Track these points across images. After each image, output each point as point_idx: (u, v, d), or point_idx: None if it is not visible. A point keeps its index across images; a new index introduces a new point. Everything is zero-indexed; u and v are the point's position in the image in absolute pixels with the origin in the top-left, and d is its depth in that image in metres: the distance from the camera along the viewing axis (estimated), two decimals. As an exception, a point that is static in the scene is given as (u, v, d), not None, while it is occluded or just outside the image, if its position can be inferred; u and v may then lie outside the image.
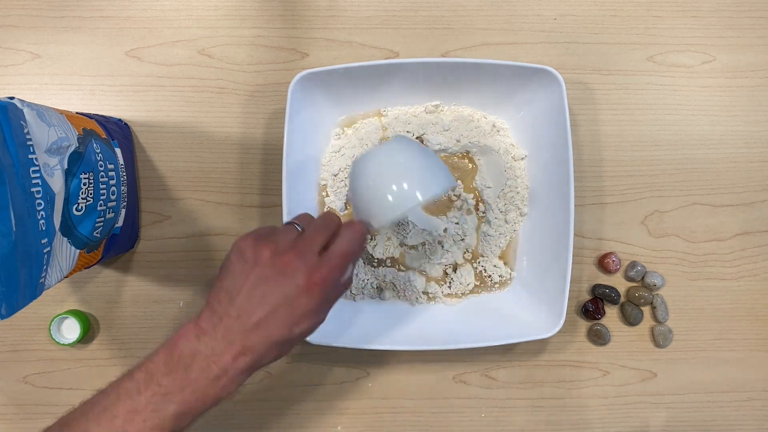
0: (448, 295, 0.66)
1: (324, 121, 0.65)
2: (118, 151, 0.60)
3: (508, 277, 0.66)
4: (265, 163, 0.67)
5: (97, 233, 0.54)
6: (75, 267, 0.52)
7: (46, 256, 0.46)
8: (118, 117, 0.66)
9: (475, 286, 0.66)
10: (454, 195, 0.66)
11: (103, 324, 0.67)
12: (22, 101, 0.44)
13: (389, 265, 0.67)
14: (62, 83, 0.66)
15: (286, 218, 0.60)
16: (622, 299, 0.68)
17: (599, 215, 0.68)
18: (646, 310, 0.68)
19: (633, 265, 0.67)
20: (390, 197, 0.49)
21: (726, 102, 0.65)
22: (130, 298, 0.67)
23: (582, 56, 0.67)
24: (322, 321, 0.46)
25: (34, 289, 0.45)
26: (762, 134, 0.67)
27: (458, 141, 0.65)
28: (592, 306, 0.67)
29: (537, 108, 0.63)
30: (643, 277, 0.67)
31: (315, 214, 0.65)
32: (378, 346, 0.62)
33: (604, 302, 0.67)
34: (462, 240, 0.66)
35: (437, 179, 0.50)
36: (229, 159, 0.67)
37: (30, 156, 0.44)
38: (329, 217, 0.48)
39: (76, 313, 0.65)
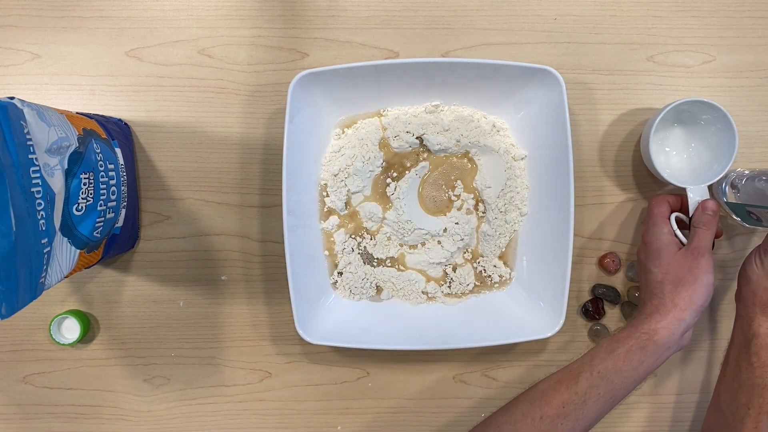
0: (448, 295, 0.66)
1: (324, 121, 0.65)
2: (118, 151, 0.60)
3: (508, 277, 0.66)
4: (265, 163, 0.67)
5: (97, 233, 0.54)
6: (75, 267, 0.52)
7: (46, 256, 0.46)
8: (118, 117, 0.66)
9: (475, 286, 0.66)
10: (454, 195, 0.66)
11: (103, 324, 0.67)
12: (22, 101, 0.44)
13: (389, 265, 0.67)
14: (62, 83, 0.66)
15: (286, 218, 0.60)
16: (622, 299, 0.68)
17: (599, 215, 0.68)
18: (646, 310, 0.68)
19: (633, 265, 0.67)
20: None
21: (726, 102, 0.65)
22: (130, 298, 0.67)
23: (582, 56, 0.67)
24: None
25: (34, 289, 0.45)
26: (762, 134, 0.67)
27: (458, 141, 0.65)
28: (592, 306, 0.67)
29: (537, 108, 0.63)
30: (643, 277, 0.67)
31: (315, 214, 0.65)
32: (378, 346, 0.62)
33: (604, 302, 0.67)
34: (462, 240, 0.66)
35: None
36: (229, 159, 0.67)
37: (30, 156, 0.44)
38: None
39: (76, 313, 0.65)
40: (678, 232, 0.60)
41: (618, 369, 0.55)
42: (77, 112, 0.58)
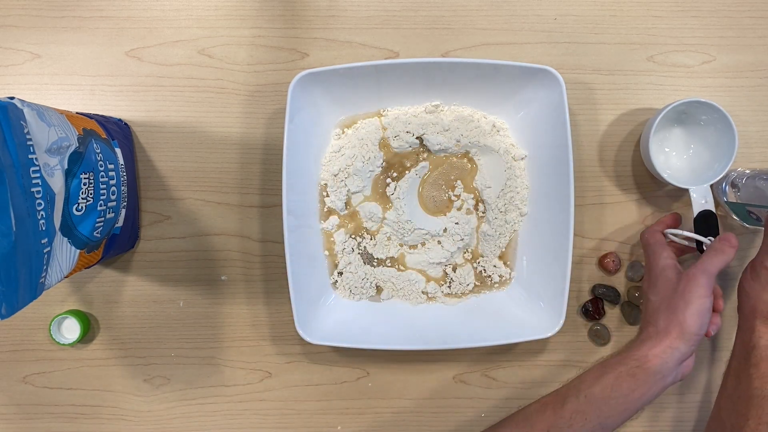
0: (448, 295, 0.66)
1: (324, 121, 0.65)
2: (118, 151, 0.60)
3: (508, 277, 0.66)
4: (265, 163, 0.67)
5: (97, 233, 0.54)
6: (75, 267, 0.52)
7: (46, 256, 0.46)
8: (118, 117, 0.66)
9: (475, 286, 0.66)
10: (454, 195, 0.66)
11: (103, 324, 0.67)
12: (22, 101, 0.44)
13: (389, 265, 0.67)
14: (62, 83, 0.66)
15: (286, 218, 0.60)
16: (622, 299, 0.68)
17: (599, 215, 0.68)
18: (646, 310, 0.68)
19: (633, 265, 0.67)
20: None
21: (726, 102, 0.65)
22: (130, 298, 0.67)
23: (582, 56, 0.67)
24: None
25: (34, 289, 0.45)
26: (762, 134, 0.67)
27: (458, 141, 0.65)
28: (592, 306, 0.67)
29: (537, 108, 0.63)
30: (642, 277, 0.67)
31: (315, 214, 0.65)
32: (378, 346, 0.62)
33: (604, 302, 0.67)
34: (462, 240, 0.66)
35: None
36: (229, 159, 0.67)
37: (30, 156, 0.44)
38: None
39: (76, 313, 0.65)
40: (685, 234, 0.60)
41: (606, 396, 0.54)
42: (77, 112, 0.58)
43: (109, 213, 0.56)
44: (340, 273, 0.66)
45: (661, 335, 0.55)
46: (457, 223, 0.66)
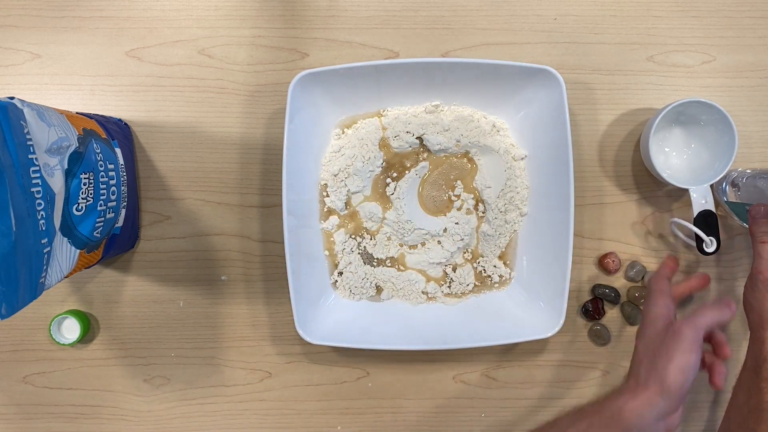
0: (448, 295, 0.66)
1: (324, 121, 0.65)
2: (118, 151, 0.60)
3: (508, 277, 0.66)
4: (265, 163, 0.67)
5: (97, 233, 0.54)
6: (75, 267, 0.52)
7: (46, 256, 0.46)
8: (118, 117, 0.66)
9: (475, 286, 0.66)
10: (454, 195, 0.66)
11: (103, 324, 0.67)
12: (22, 101, 0.44)
13: (389, 265, 0.67)
14: (62, 83, 0.66)
15: (286, 218, 0.60)
16: (622, 299, 0.68)
17: (599, 215, 0.68)
18: (646, 310, 0.68)
19: (633, 265, 0.67)
20: None
21: (726, 102, 0.65)
22: (130, 298, 0.67)
23: (582, 56, 0.67)
24: None
25: (34, 289, 0.45)
26: (762, 134, 0.67)
27: (458, 141, 0.65)
28: (592, 306, 0.67)
29: (537, 108, 0.63)
30: (643, 277, 0.67)
31: (315, 214, 0.65)
32: (378, 346, 0.62)
33: (604, 302, 0.67)
34: (462, 240, 0.66)
35: None
36: (229, 159, 0.67)
37: (30, 156, 0.44)
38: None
39: (76, 313, 0.65)
40: (690, 227, 0.61)
41: None
42: (77, 112, 0.58)
43: (109, 213, 0.56)
44: (340, 273, 0.66)
45: (640, 388, 0.52)
46: (457, 223, 0.66)
